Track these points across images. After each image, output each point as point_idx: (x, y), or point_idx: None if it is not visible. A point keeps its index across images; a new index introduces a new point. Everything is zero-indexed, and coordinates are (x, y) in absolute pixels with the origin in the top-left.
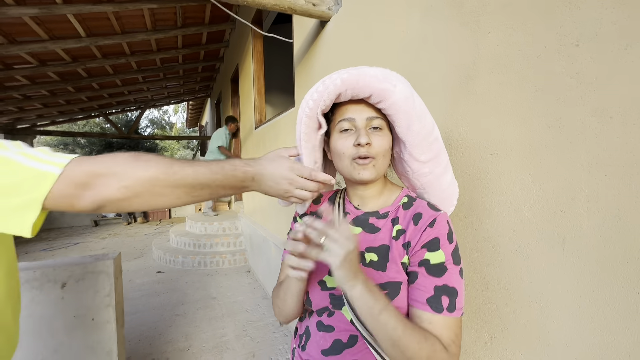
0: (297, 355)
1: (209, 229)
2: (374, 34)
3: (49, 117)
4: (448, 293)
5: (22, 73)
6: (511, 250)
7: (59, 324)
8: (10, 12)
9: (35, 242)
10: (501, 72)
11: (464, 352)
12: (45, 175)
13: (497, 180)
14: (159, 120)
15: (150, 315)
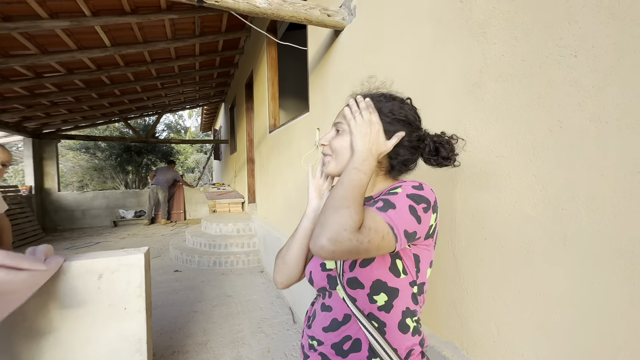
0: (305, 334)
1: (224, 229)
2: (386, 43)
3: (73, 122)
4: (386, 203)
5: (51, 81)
6: (516, 247)
7: (95, 311)
8: (45, 25)
9: (59, 240)
10: (506, 80)
11: (471, 343)
12: None
13: (503, 181)
14: (174, 125)
15: (169, 311)
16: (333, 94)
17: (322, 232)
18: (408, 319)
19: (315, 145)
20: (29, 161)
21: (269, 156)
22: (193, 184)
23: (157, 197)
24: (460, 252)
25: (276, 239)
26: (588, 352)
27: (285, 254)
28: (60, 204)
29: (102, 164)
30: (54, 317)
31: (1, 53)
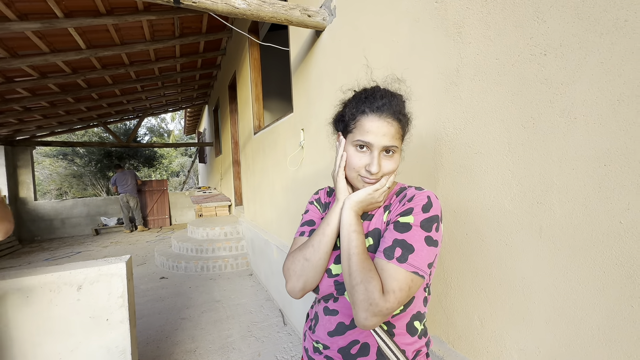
0: (308, 337)
1: (211, 234)
2: (366, 43)
3: (49, 127)
4: (403, 247)
5: (23, 85)
6: (496, 240)
7: (75, 324)
8: (13, 27)
9: (37, 252)
10: (481, 79)
11: (457, 337)
12: None
13: (482, 177)
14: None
15: (156, 319)
16: (316, 94)
17: (355, 310)
18: (417, 322)
19: (300, 146)
20: (1, 170)
21: (255, 158)
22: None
23: (128, 205)
24: (443, 247)
25: (264, 242)
26: (565, 339)
27: (312, 256)
28: (37, 214)
29: (82, 171)
30: (32, 332)
31: None
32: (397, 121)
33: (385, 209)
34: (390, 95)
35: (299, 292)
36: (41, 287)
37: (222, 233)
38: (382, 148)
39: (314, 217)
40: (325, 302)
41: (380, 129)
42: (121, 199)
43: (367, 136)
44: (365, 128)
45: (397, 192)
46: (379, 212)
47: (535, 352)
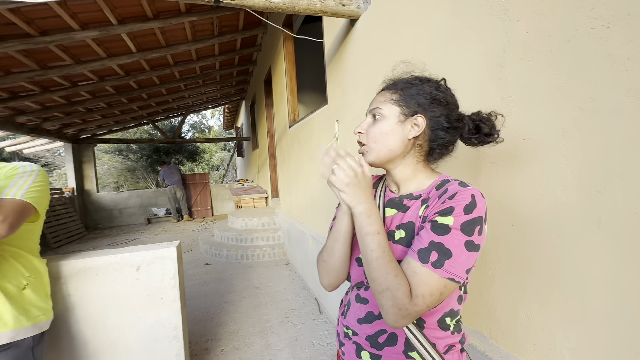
0: (340, 322)
1: (250, 224)
2: (403, 29)
3: (106, 126)
4: (440, 251)
5: (85, 89)
6: (546, 232)
7: (135, 301)
8: (77, 36)
9: (100, 238)
10: (532, 59)
11: (500, 332)
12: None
13: (530, 165)
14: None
15: (202, 302)
16: (351, 84)
17: (384, 313)
18: (448, 318)
19: (334, 138)
20: (70, 165)
21: (290, 151)
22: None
23: (175, 196)
24: (486, 239)
25: (300, 232)
26: (626, 340)
27: (328, 259)
28: (99, 204)
29: (135, 165)
30: (101, 306)
31: (41, 65)
32: (391, 89)
33: (423, 203)
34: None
35: (327, 287)
36: (107, 267)
37: (259, 224)
38: (369, 113)
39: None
40: (357, 290)
41: (373, 100)
42: (169, 191)
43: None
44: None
45: (437, 184)
46: (415, 205)
47: (590, 352)
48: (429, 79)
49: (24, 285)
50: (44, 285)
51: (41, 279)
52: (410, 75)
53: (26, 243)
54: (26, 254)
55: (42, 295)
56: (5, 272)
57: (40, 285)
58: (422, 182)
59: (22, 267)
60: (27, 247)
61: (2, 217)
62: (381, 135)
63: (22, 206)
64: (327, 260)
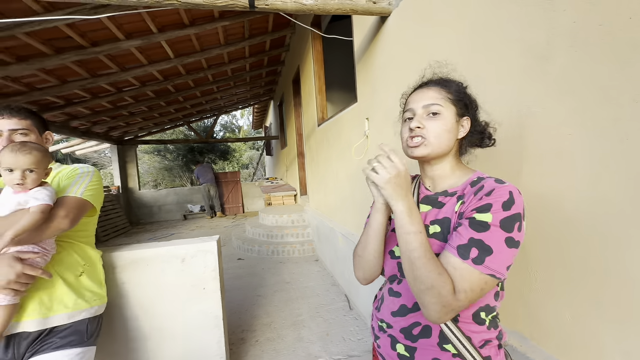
0: (374, 316)
1: (279, 221)
2: (439, 23)
3: (147, 128)
4: (481, 248)
5: (129, 94)
6: (594, 230)
7: (180, 290)
8: (123, 46)
9: (142, 232)
10: (579, 50)
11: (542, 333)
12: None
13: (576, 161)
14: (229, 125)
15: (236, 295)
16: (381, 82)
17: (426, 310)
18: (483, 313)
19: (364, 135)
20: (115, 164)
21: (319, 149)
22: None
23: (209, 194)
24: (527, 236)
25: (329, 229)
26: None
27: (362, 254)
28: (141, 201)
29: (171, 165)
30: (151, 294)
31: (91, 74)
32: (438, 86)
33: (459, 199)
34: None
35: (362, 280)
36: (155, 258)
37: (289, 220)
38: (423, 109)
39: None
40: (390, 284)
41: (420, 94)
42: (203, 189)
43: (409, 105)
44: (409, 100)
45: (472, 181)
46: (450, 202)
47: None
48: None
49: (80, 272)
50: (98, 273)
51: (95, 268)
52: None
53: (83, 235)
54: (83, 245)
55: (97, 282)
56: (64, 260)
57: (95, 273)
58: (459, 178)
59: (78, 256)
60: (84, 238)
61: (65, 213)
62: (443, 132)
63: (81, 203)
64: (362, 254)
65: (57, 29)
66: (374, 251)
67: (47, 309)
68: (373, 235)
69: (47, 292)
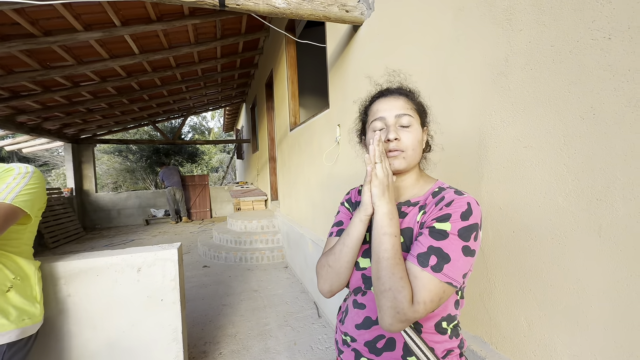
0: (338, 329)
1: (249, 226)
2: (406, 36)
3: (107, 127)
4: (439, 255)
5: (87, 89)
6: (548, 239)
7: (136, 302)
8: (80, 37)
9: (98, 238)
10: (534, 68)
11: (500, 338)
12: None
13: (532, 172)
14: (198, 126)
15: (200, 304)
16: (353, 89)
17: (380, 315)
18: (444, 322)
19: (336, 142)
20: (69, 165)
21: (291, 154)
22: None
23: (174, 198)
24: (487, 245)
25: (299, 236)
26: (628, 347)
27: (334, 264)
28: (98, 204)
29: (134, 166)
30: (101, 307)
31: (43, 65)
32: (403, 95)
33: (420, 209)
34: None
35: (327, 293)
36: (108, 267)
37: (259, 226)
38: (395, 118)
39: (343, 218)
40: (354, 295)
41: (388, 103)
42: (168, 192)
43: (377, 114)
44: (375, 109)
45: (434, 192)
46: (413, 211)
47: (591, 359)
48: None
49: (7, 287)
50: (32, 289)
51: (29, 282)
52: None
53: (14, 245)
54: (13, 256)
55: (30, 298)
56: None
57: (28, 289)
58: (421, 188)
59: (6, 269)
60: (15, 248)
61: None
62: (417, 143)
63: (9, 210)
64: (333, 265)
65: (2, 13)
66: (347, 262)
67: None
68: (351, 245)
69: None
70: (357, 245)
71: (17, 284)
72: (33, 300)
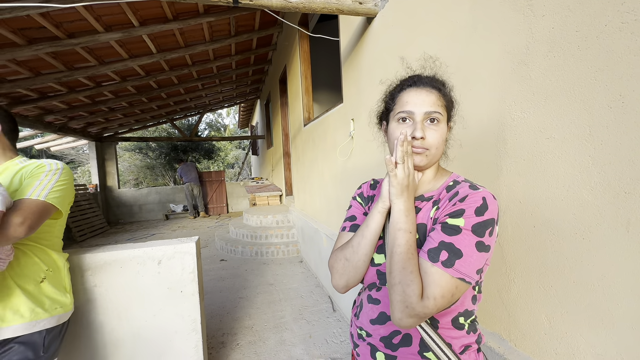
0: (353, 323)
1: (264, 221)
2: (422, 26)
3: (127, 125)
4: (450, 250)
5: (108, 89)
6: (571, 234)
7: (157, 293)
8: (101, 38)
9: (121, 232)
10: (557, 55)
11: (520, 335)
12: None
13: (554, 164)
14: (214, 123)
15: (218, 297)
16: (367, 83)
17: (392, 308)
18: (462, 318)
19: (350, 136)
20: (93, 162)
21: (305, 149)
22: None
23: (192, 193)
24: (506, 240)
25: (314, 230)
26: None
27: (351, 257)
28: (120, 200)
29: (154, 163)
30: (124, 297)
31: (68, 67)
32: (436, 90)
33: (434, 204)
34: (429, 75)
35: (342, 288)
36: (131, 260)
37: (274, 221)
38: (424, 115)
39: (355, 212)
40: (369, 291)
41: (419, 96)
42: (186, 188)
43: (406, 106)
44: (404, 100)
45: (448, 186)
46: (426, 207)
47: (616, 359)
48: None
49: (42, 278)
50: (63, 280)
51: (60, 273)
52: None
53: (46, 238)
54: (46, 249)
55: (61, 288)
56: (23, 266)
57: (59, 279)
58: (437, 181)
59: (40, 261)
60: (47, 241)
61: (21, 220)
62: (442, 142)
63: (43, 207)
64: (350, 258)
65: (30, 18)
66: (365, 255)
67: (0, 320)
68: (370, 237)
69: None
70: (375, 237)
71: (49, 275)
72: (64, 290)
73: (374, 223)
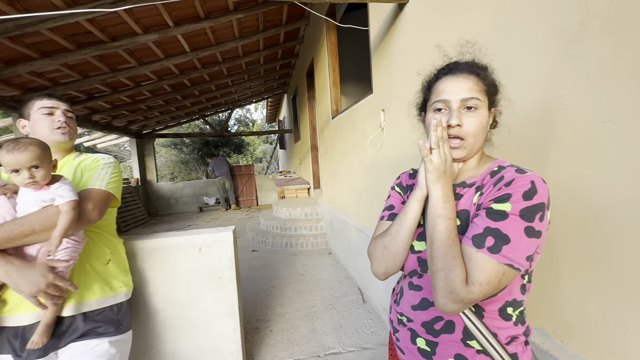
0: (393, 310)
1: (293, 214)
2: (459, 8)
3: (164, 122)
4: (497, 236)
5: (147, 88)
6: (629, 223)
7: (198, 279)
8: (140, 40)
9: (160, 224)
10: (617, 31)
11: (567, 331)
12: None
13: (610, 150)
14: (243, 119)
15: (250, 285)
16: (399, 71)
17: (435, 295)
18: (510, 308)
19: (380, 127)
20: (134, 158)
21: (333, 142)
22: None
23: (224, 187)
24: (553, 230)
25: (343, 223)
26: None
27: (390, 245)
28: (159, 193)
29: (187, 158)
30: (170, 281)
31: (111, 68)
32: (474, 75)
33: (477, 190)
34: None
35: (381, 275)
36: (174, 246)
37: (302, 213)
38: (461, 102)
39: (393, 202)
40: (410, 278)
41: (456, 84)
42: (218, 182)
43: (442, 95)
44: (440, 89)
45: (493, 171)
46: (468, 193)
47: None
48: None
49: (107, 260)
50: (123, 261)
51: (120, 255)
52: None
53: (106, 225)
54: (106, 234)
55: (122, 269)
56: (92, 250)
57: (120, 261)
58: (480, 168)
59: (104, 245)
60: (107, 228)
61: (92, 206)
62: (481, 130)
63: (106, 195)
64: (389, 246)
65: (79, 24)
66: (404, 243)
67: (80, 296)
68: (408, 225)
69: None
70: (413, 225)
71: (113, 257)
72: (125, 271)
73: (411, 211)
